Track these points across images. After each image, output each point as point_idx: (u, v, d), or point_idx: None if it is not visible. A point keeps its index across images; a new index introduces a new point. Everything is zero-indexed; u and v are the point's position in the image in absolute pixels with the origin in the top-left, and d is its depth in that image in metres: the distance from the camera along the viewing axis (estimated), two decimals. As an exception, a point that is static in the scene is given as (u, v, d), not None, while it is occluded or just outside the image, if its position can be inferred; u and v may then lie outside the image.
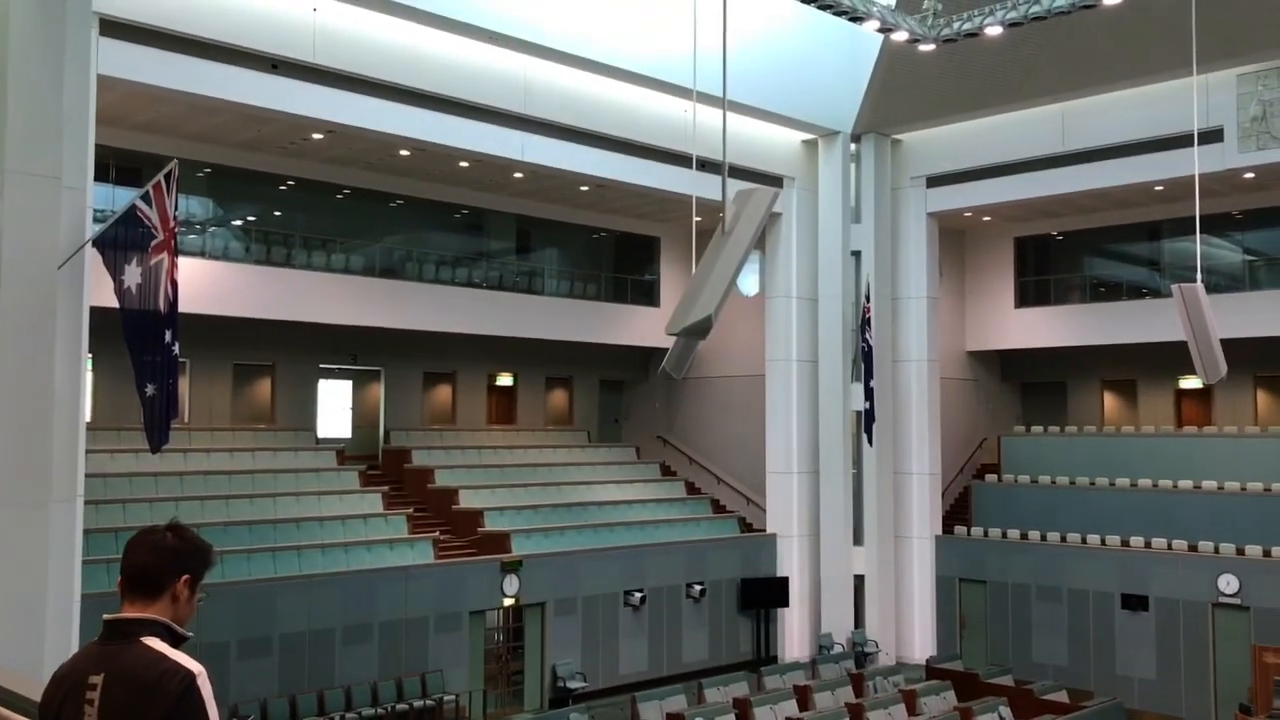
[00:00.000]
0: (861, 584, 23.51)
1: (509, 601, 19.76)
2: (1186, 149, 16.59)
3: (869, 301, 22.99)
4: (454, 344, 24.31)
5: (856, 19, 18.26)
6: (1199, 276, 12.27)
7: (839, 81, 22.54)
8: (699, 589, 22.59)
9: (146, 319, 10.96)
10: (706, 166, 12.13)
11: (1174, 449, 23.80)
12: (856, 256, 24.00)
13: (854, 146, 24.02)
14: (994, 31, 18.65)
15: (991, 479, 26.00)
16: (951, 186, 24.06)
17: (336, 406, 24.27)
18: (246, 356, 22.35)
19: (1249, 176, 20.92)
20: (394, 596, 18.19)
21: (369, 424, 24.56)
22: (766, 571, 23.77)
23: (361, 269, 22.54)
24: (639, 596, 21.56)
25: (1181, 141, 18.40)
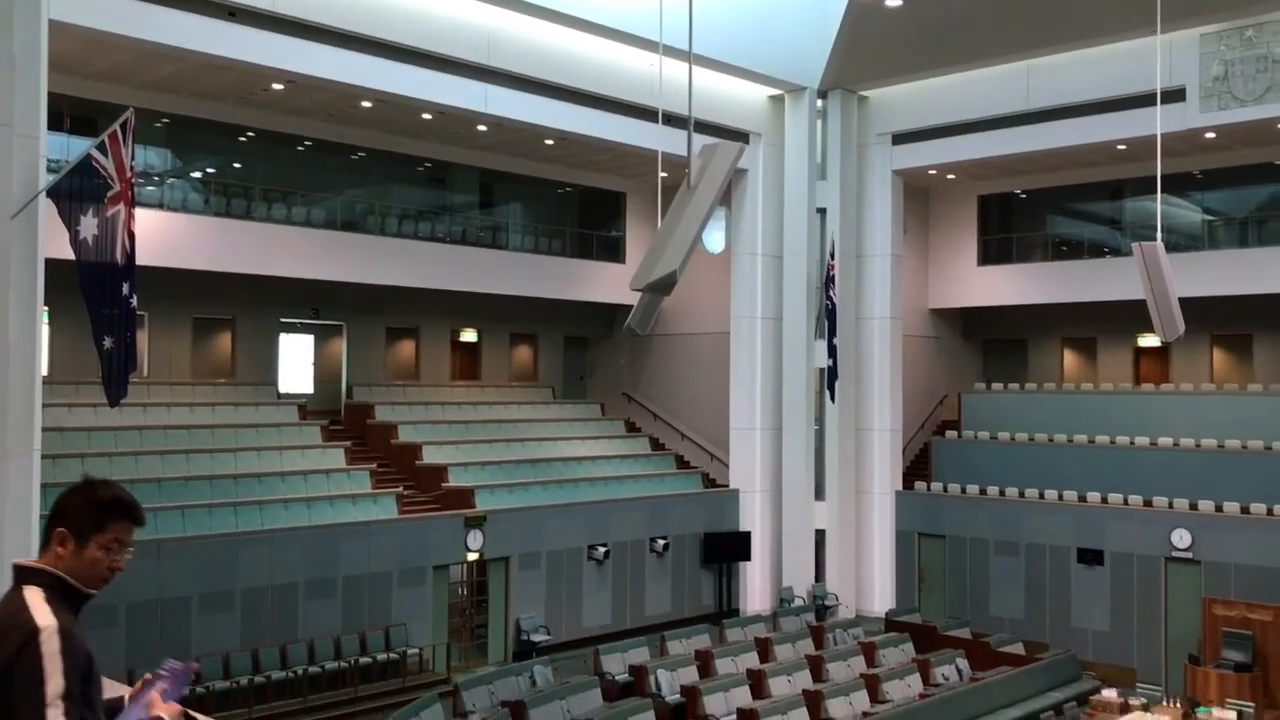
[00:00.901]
0: (822, 538, 23.74)
1: (473, 556, 19.80)
2: (1149, 108, 16.69)
3: (833, 259, 23.02)
4: (417, 299, 24.14)
5: (824, -27, 18.17)
6: (1159, 235, 12.36)
7: (806, 36, 22.40)
8: (662, 543, 22.75)
9: (103, 271, 10.75)
10: (672, 121, 12.03)
11: (1132, 406, 24.13)
12: (822, 214, 24.01)
13: (820, 102, 23.95)
14: (961, -12, 18.64)
15: (952, 435, 26.27)
16: (916, 144, 24.11)
17: (298, 361, 24.06)
18: (206, 310, 22.08)
19: (1210, 136, 21.09)
20: (357, 551, 18.16)
21: (331, 379, 24.38)
22: (729, 526, 23.98)
23: (323, 222, 22.27)
24: (603, 551, 21.68)
25: (1144, 101, 18.51)
